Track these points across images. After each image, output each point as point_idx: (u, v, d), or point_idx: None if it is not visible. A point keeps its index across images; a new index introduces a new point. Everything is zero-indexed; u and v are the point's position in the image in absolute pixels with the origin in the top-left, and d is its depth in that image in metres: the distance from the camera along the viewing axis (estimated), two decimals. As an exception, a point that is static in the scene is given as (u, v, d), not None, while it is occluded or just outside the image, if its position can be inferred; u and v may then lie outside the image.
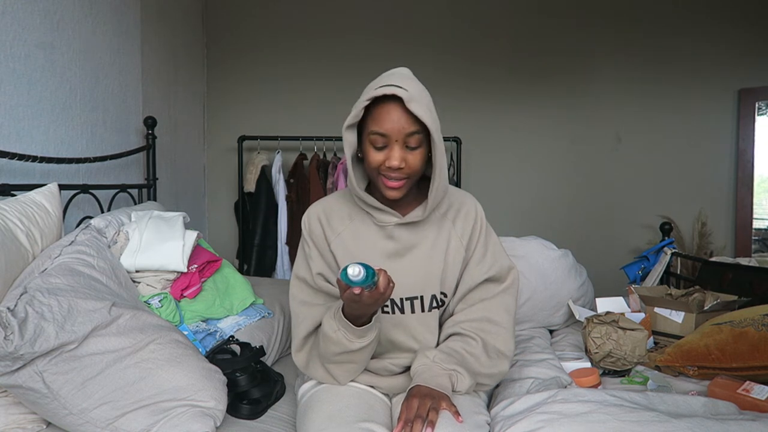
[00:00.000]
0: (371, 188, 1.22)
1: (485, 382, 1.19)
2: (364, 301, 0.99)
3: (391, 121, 1.05)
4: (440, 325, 1.24)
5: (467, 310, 1.20)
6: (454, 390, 1.10)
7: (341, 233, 1.19)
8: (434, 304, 1.19)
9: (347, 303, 1.02)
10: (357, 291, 0.95)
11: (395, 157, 1.06)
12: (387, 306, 1.18)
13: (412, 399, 1.02)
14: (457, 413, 1.01)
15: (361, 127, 1.13)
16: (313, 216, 1.22)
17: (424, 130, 1.07)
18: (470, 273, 1.21)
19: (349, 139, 1.12)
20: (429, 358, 1.13)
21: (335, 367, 1.14)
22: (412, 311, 1.19)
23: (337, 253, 1.19)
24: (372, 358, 1.21)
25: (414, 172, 1.10)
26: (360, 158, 1.19)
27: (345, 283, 0.95)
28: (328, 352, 1.11)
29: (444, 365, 1.11)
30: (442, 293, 1.20)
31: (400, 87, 1.03)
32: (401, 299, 1.18)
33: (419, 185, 1.22)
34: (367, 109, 1.09)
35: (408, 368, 1.20)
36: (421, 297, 1.18)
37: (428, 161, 1.15)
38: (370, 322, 1.07)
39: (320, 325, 1.18)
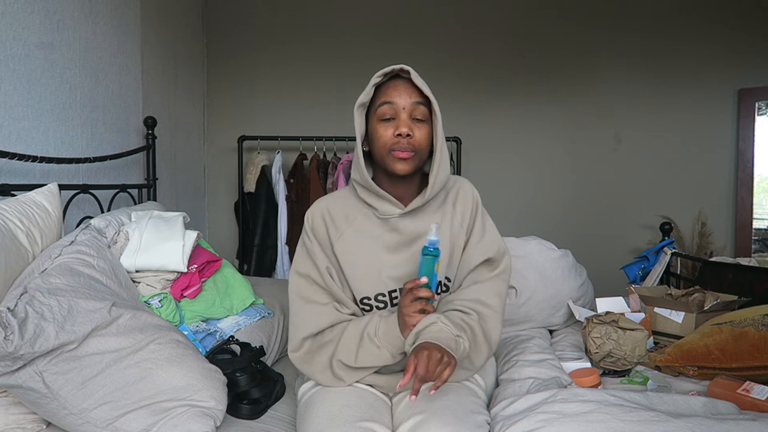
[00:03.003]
0: (374, 182, 1.23)
1: (466, 367, 1.18)
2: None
3: (399, 92, 1.14)
4: None
5: (460, 291, 1.22)
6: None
7: (344, 232, 1.20)
8: (439, 291, 1.21)
9: (408, 311, 1.06)
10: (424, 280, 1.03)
11: (403, 123, 1.12)
12: (397, 297, 1.19)
13: (422, 352, 0.97)
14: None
15: (369, 114, 1.18)
16: (317, 214, 1.23)
17: (428, 110, 1.15)
18: (469, 253, 1.23)
19: (359, 120, 1.18)
20: (436, 321, 1.10)
21: (352, 373, 1.15)
22: None
23: (339, 254, 1.19)
24: None
25: (420, 148, 1.14)
26: (366, 151, 1.21)
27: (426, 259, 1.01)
28: (365, 363, 1.12)
29: (453, 330, 1.09)
30: (446, 278, 1.22)
31: (407, 66, 1.15)
32: None
33: (421, 180, 1.23)
34: (376, 91, 1.16)
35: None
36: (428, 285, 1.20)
37: (431, 156, 1.19)
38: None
39: (323, 329, 1.17)
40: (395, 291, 1.19)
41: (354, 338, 1.13)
